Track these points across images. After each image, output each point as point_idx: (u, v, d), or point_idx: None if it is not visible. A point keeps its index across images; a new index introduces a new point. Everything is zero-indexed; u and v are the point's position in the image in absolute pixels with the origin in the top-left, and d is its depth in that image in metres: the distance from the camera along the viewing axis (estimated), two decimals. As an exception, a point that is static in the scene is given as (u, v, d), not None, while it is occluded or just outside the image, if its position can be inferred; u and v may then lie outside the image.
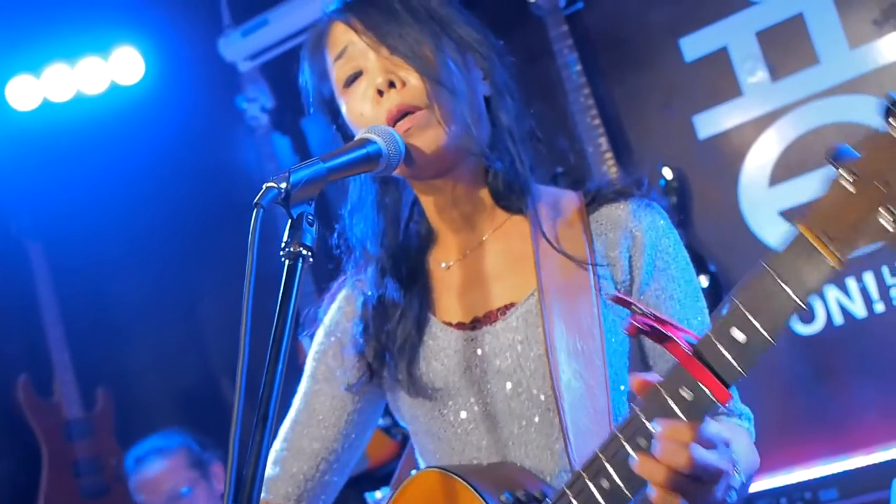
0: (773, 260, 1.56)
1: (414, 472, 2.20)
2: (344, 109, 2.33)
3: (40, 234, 6.57)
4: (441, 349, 2.30)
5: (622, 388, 2.23)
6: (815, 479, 4.50)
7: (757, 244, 4.90)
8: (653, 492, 1.69)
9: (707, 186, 5.08)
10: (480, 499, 2.03)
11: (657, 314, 1.68)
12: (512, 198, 2.34)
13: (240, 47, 5.97)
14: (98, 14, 6.15)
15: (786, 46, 4.89)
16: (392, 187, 2.43)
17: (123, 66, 6.19)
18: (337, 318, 2.50)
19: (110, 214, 6.54)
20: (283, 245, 1.77)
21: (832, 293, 4.78)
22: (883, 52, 4.67)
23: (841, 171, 1.50)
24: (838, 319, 4.79)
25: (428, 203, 2.39)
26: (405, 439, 5.17)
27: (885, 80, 4.65)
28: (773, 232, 4.88)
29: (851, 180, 1.49)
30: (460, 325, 2.31)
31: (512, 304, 2.28)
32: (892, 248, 1.49)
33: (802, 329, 4.86)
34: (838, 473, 4.47)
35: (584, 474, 1.80)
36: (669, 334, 1.66)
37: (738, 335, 1.60)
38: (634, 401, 1.73)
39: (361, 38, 2.26)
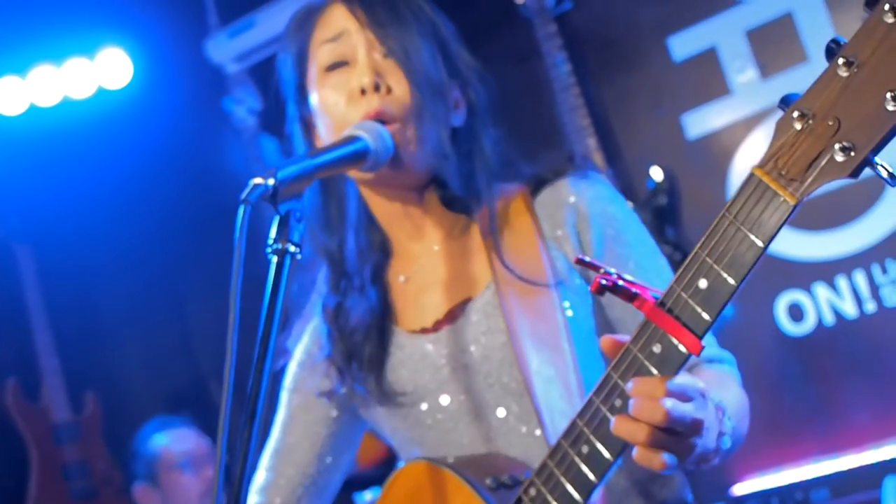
0: (732, 205, 1.57)
1: (401, 463, 2.24)
2: (316, 94, 2.31)
3: (28, 238, 6.54)
4: (408, 357, 2.31)
5: (597, 368, 2.21)
6: (806, 480, 4.50)
7: (747, 243, 4.89)
8: (634, 450, 1.68)
9: (696, 186, 5.07)
10: (467, 485, 2.05)
11: (620, 273, 1.68)
12: (458, 201, 2.34)
13: (227, 49, 5.94)
14: (84, 15, 6.12)
15: (775, 45, 4.87)
16: (336, 188, 2.41)
17: (110, 67, 6.16)
18: (308, 347, 2.51)
19: (98, 218, 6.52)
20: (270, 242, 1.76)
21: (823, 293, 4.77)
22: (872, 50, 4.66)
23: (790, 111, 1.52)
24: (829, 319, 4.78)
25: (379, 210, 2.38)
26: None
27: (875, 78, 4.64)
28: (763, 231, 4.86)
29: (801, 120, 1.51)
30: (424, 331, 2.31)
31: (469, 299, 2.29)
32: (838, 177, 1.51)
33: (793, 329, 4.85)
34: (829, 473, 4.47)
35: (564, 442, 1.81)
36: (634, 290, 1.66)
37: (703, 283, 1.60)
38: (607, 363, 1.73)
39: (362, 29, 2.24)
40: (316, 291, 2.47)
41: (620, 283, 1.67)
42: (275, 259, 1.76)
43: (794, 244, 4.75)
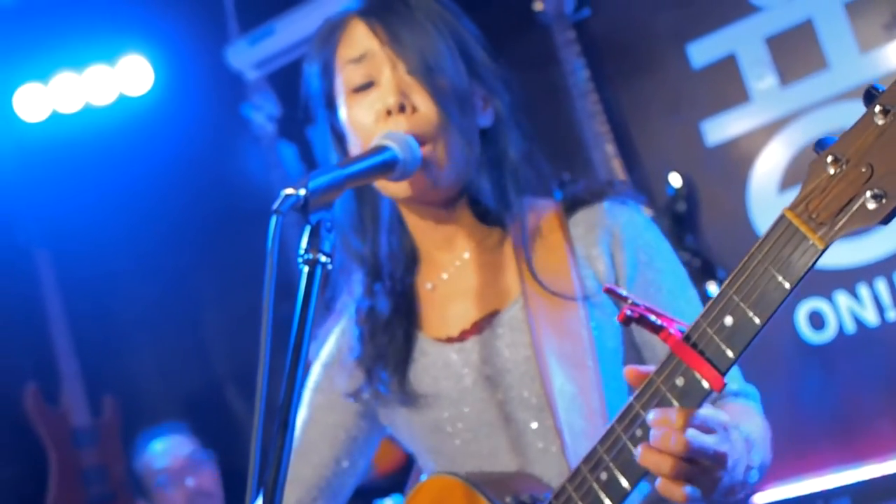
0: (761, 245, 1.59)
1: (424, 476, 2.24)
2: (344, 113, 2.33)
3: (48, 244, 6.57)
4: (432, 364, 2.32)
5: (620, 388, 2.23)
6: (827, 490, 4.48)
7: (766, 251, 4.88)
8: (657, 481, 1.69)
9: (715, 193, 5.07)
10: (487, 502, 2.06)
11: (648, 305, 1.69)
12: (491, 215, 2.36)
13: (247, 56, 5.96)
14: (105, 22, 6.16)
15: (795, 52, 4.87)
16: (369, 194, 2.43)
17: (131, 74, 6.19)
18: (332, 350, 2.53)
19: (118, 223, 6.55)
20: (301, 252, 1.77)
21: (844, 301, 4.77)
22: (893, 56, 4.66)
23: (824, 155, 1.53)
24: (850, 327, 4.77)
25: (411, 221, 2.40)
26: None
27: (896, 85, 4.63)
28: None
29: (834, 165, 1.52)
30: (449, 340, 2.33)
31: (496, 312, 2.30)
32: (868, 224, 1.51)
33: (814, 337, 4.85)
34: (851, 483, 4.45)
35: (584, 468, 1.82)
36: (660, 322, 1.68)
37: (728, 320, 1.62)
38: (631, 392, 1.74)
39: (383, 47, 2.25)
40: (347, 293, 2.48)
41: (647, 315, 1.68)
42: (306, 269, 1.77)
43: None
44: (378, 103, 2.24)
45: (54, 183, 6.58)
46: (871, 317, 4.73)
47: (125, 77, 6.20)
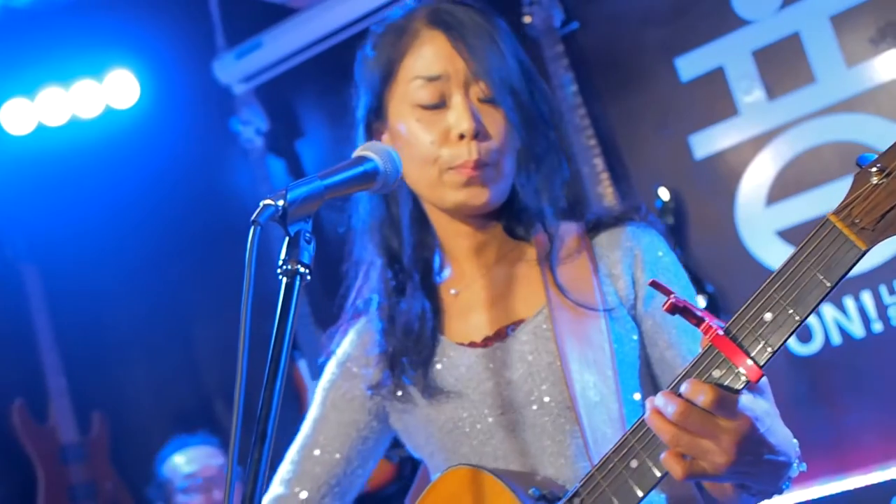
0: (805, 246, 1.68)
1: (436, 476, 2.27)
2: (404, 124, 2.33)
3: (35, 259, 6.56)
4: (454, 366, 2.35)
5: (635, 397, 2.28)
6: (813, 500, 4.49)
7: (754, 264, 4.90)
8: (661, 454, 1.75)
9: (704, 206, 5.07)
10: (509, 490, 2.09)
11: (688, 301, 1.75)
12: (520, 229, 2.40)
13: (234, 70, 5.97)
14: (92, 37, 6.15)
15: (782, 65, 4.89)
16: (394, 195, 2.45)
17: (118, 89, 6.19)
18: (349, 350, 2.54)
19: (105, 238, 6.54)
20: (280, 263, 1.76)
21: (830, 313, 4.78)
22: (880, 70, 4.67)
23: (869, 166, 1.64)
24: (836, 339, 4.78)
25: (440, 226, 2.43)
26: (402, 462, 5.15)
27: (883, 98, 4.65)
28: (770, 252, 4.88)
29: (878, 175, 1.63)
30: (472, 344, 2.36)
31: (521, 320, 2.33)
32: None
33: (800, 349, 4.85)
34: (836, 494, 4.46)
35: (613, 456, 1.87)
36: (702, 316, 1.74)
37: (768, 316, 1.70)
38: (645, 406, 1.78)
39: (465, 68, 2.27)
40: (367, 290, 2.51)
41: (690, 307, 1.75)
42: (284, 280, 1.76)
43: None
44: (449, 124, 2.27)
45: (41, 197, 6.57)
46: (857, 329, 4.73)
47: (112, 91, 6.19)
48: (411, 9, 2.37)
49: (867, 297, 4.69)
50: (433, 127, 2.28)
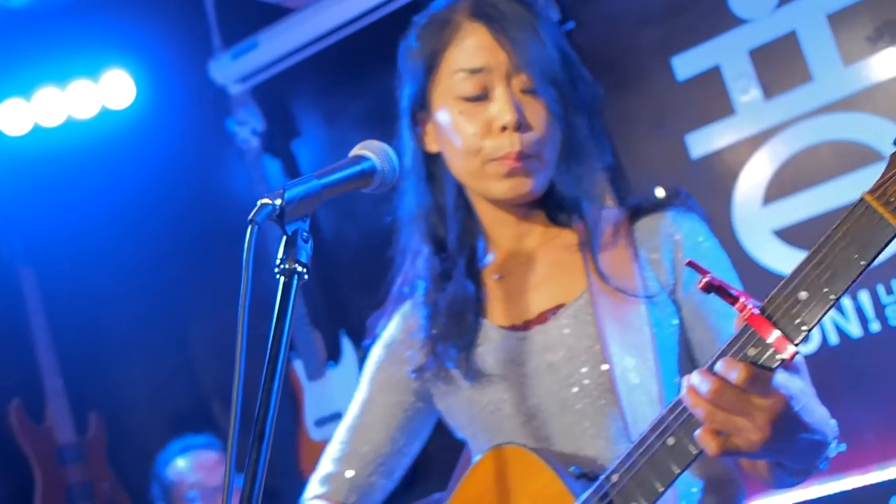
0: (840, 225, 1.70)
1: (478, 456, 2.35)
2: (448, 116, 2.39)
3: (32, 260, 6.55)
4: (495, 349, 2.41)
5: (675, 380, 2.31)
6: (810, 500, 4.48)
7: (751, 264, 4.88)
8: (696, 432, 1.80)
9: (700, 205, 5.05)
10: (550, 468, 2.17)
11: (724, 281, 1.79)
12: (562, 216, 2.47)
13: (230, 70, 5.96)
14: (88, 37, 6.15)
15: (779, 64, 4.88)
16: (439, 180, 2.52)
17: (114, 89, 6.18)
18: (395, 333, 2.62)
19: (102, 239, 6.53)
20: (277, 262, 1.76)
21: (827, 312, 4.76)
22: (877, 69, 4.67)
23: None
24: (833, 339, 4.77)
25: (484, 213, 2.50)
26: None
27: (880, 96, 4.64)
28: (767, 251, 4.87)
29: None
30: (513, 328, 2.42)
31: (562, 305, 2.38)
32: None
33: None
34: (835, 494, 4.46)
35: (651, 434, 1.92)
36: (738, 295, 1.77)
37: (803, 294, 1.72)
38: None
39: (507, 60, 2.32)
40: (416, 277, 2.56)
41: (726, 286, 1.78)
42: (282, 280, 1.76)
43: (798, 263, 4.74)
44: (493, 115, 2.33)
45: (37, 198, 6.56)
46: (854, 329, 4.73)
47: (108, 91, 6.18)
48: (454, 0, 2.42)
49: (865, 297, 4.69)
50: (476, 119, 2.34)
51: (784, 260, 4.74)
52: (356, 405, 2.63)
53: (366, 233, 5.91)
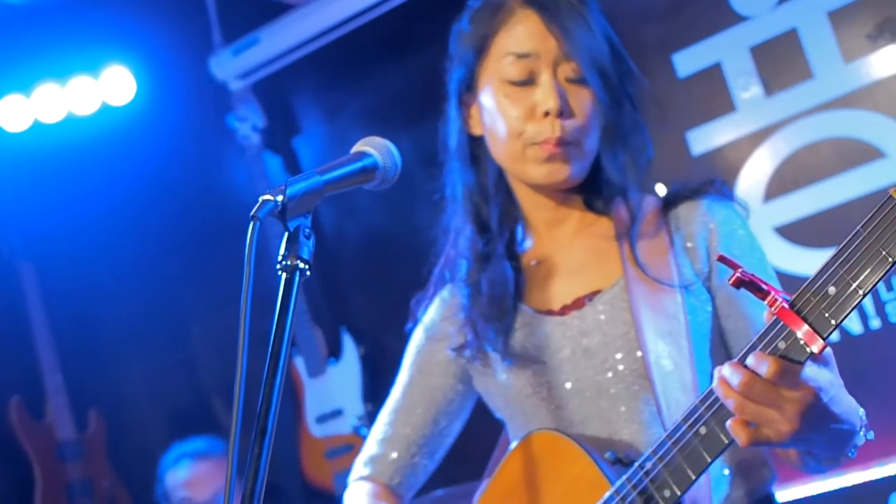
0: (868, 222, 1.73)
1: (515, 442, 2.42)
2: (493, 99, 2.44)
3: (32, 256, 6.55)
4: (532, 333, 2.46)
5: (708, 367, 2.36)
6: (810, 496, 4.48)
7: (752, 260, 4.87)
8: (727, 423, 1.85)
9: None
10: (586, 454, 2.22)
11: (755, 274, 1.83)
12: (600, 203, 2.52)
13: (231, 66, 5.96)
14: (88, 33, 6.14)
15: (780, 61, 4.87)
16: (484, 165, 2.57)
17: (114, 85, 6.17)
18: (435, 317, 2.69)
19: (102, 235, 6.53)
20: (279, 258, 1.76)
21: (828, 309, 4.76)
22: (877, 66, 4.66)
23: None
24: (833, 336, 4.74)
25: (524, 197, 2.55)
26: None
27: (880, 94, 4.64)
28: (767, 248, 4.83)
29: None
30: (549, 312, 2.47)
31: (598, 291, 2.43)
32: None
33: (798, 345, 4.83)
34: (834, 490, 4.45)
35: (683, 424, 1.99)
36: (767, 289, 1.81)
37: (832, 290, 1.76)
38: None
39: (556, 47, 2.37)
40: (458, 258, 2.61)
41: (756, 281, 1.82)
42: (284, 276, 1.76)
43: (798, 260, 4.74)
44: (537, 101, 2.38)
45: (37, 194, 6.56)
46: (854, 325, 4.73)
47: (108, 87, 6.18)
48: None
49: (865, 294, 4.67)
50: (520, 103, 2.39)
51: (785, 257, 4.73)
52: (398, 388, 2.70)
53: (367, 230, 5.91)
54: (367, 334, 5.83)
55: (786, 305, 1.79)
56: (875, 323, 4.68)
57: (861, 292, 1.74)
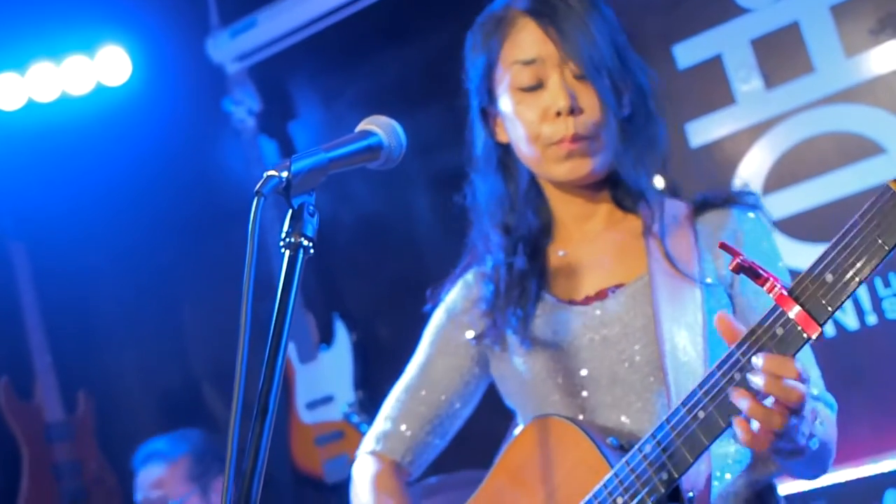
0: (866, 211, 1.79)
1: (517, 429, 2.55)
2: (509, 106, 2.54)
3: (23, 236, 6.53)
4: (553, 320, 2.53)
5: None
6: (804, 491, 4.47)
7: (748, 254, 4.86)
8: (751, 423, 1.92)
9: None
10: (588, 439, 2.28)
11: (754, 262, 1.92)
12: (628, 200, 2.60)
13: (228, 49, 5.93)
14: (84, 12, 6.11)
15: (781, 54, 4.85)
16: (514, 170, 2.66)
17: (109, 65, 6.14)
18: (457, 300, 2.76)
19: (94, 217, 6.50)
20: (283, 235, 1.74)
21: (824, 304, 4.75)
22: (879, 61, 4.64)
23: None
24: (830, 331, 4.76)
25: (552, 194, 2.64)
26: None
27: (881, 89, 4.62)
28: (764, 241, 4.85)
29: None
30: (572, 302, 2.55)
31: (621, 284, 2.51)
32: None
33: (793, 340, 4.82)
34: (828, 486, 4.44)
35: (682, 408, 2.06)
36: (766, 276, 1.90)
37: (829, 277, 1.84)
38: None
39: (555, 50, 2.46)
40: (485, 244, 2.68)
41: (756, 267, 1.91)
42: (287, 253, 1.74)
43: (795, 255, 4.71)
44: (549, 103, 2.46)
45: (30, 173, 6.53)
46: (850, 321, 4.72)
47: (103, 67, 6.15)
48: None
49: (862, 290, 4.67)
50: (533, 107, 2.49)
51: (782, 251, 4.71)
52: (415, 366, 2.77)
53: (361, 216, 5.90)
54: (359, 321, 5.81)
55: (784, 292, 1.87)
56: (871, 319, 4.67)
57: (857, 280, 1.81)
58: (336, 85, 6.02)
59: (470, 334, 2.67)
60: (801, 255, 4.67)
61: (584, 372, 2.47)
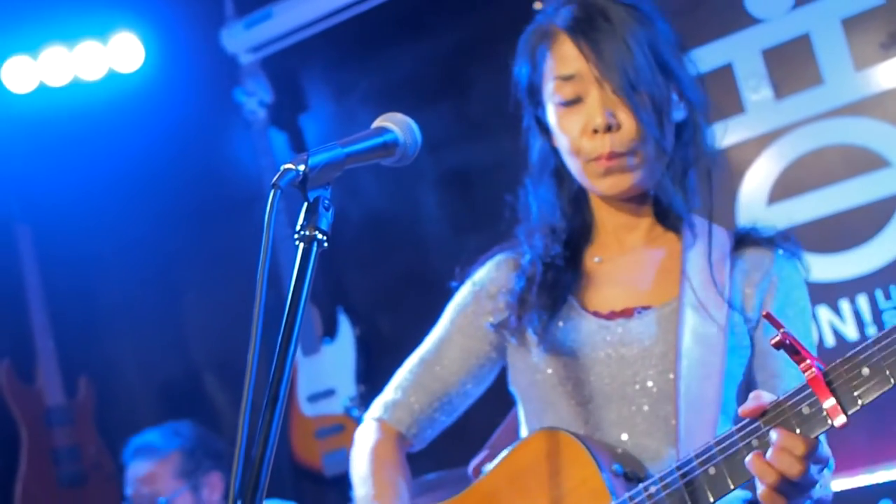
0: None
1: (522, 436, 2.56)
2: (554, 118, 2.55)
3: (29, 219, 6.54)
4: (574, 328, 2.52)
5: (730, 411, 2.45)
6: None
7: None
8: (760, 487, 1.95)
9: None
10: (593, 462, 2.28)
11: (796, 338, 1.91)
12: (670, 217, 2.60)
13: (242, 39, 5.94)
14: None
15: (791, 65, 4.87)
16: (568, 180, 2.65)
17: (122, 52, 6.15)
18: (485, 280, 2.74)
19: (101, 202, 6.52)
20: (297, 228, 1.76)
21: (825, 315, 4.77)
22: (888, 75, 4.66)
23: None
24: (830, 341, 4.77)
25: (596, 201, 2.64)
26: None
27: (890, 103, 4.64)
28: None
29: None
30: (597, 314, 2.54)
31: (649, 307, 2.50)
32: None
33: (794, 349, 4.83)
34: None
35: (696, 460, 2.06)
36: (804, 355, 1.89)
37: (865, 371, 1.85)
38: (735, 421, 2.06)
39: (591, 68, 2.44)
40: (524, 235, 2.69)
41: (796, 345, 1.90)
42: (301, 246, 1.76)
43: (799, 265, 4.74)
44: (587, 119, 2.46)
45: (39, 157, 6.54)
46: (850, 332, 4.73)
47: (116, 53, 6.16)
48: (552, 11, 2.58)
49: (863, 301, 4.68)
50: (574, 122, 2.49)
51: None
52: (432, 340, 2.76)
53: (368, 211, 5.90)
54: (363, 315, 5.82)
55: (819, 375, 1.87)
56: (871, 331, 4.68)
57: (893, 381, 1.83)
58: (348, 79, 6.03)
59: (491, 320, 2.66)
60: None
61: (595, 385, 2.47)
